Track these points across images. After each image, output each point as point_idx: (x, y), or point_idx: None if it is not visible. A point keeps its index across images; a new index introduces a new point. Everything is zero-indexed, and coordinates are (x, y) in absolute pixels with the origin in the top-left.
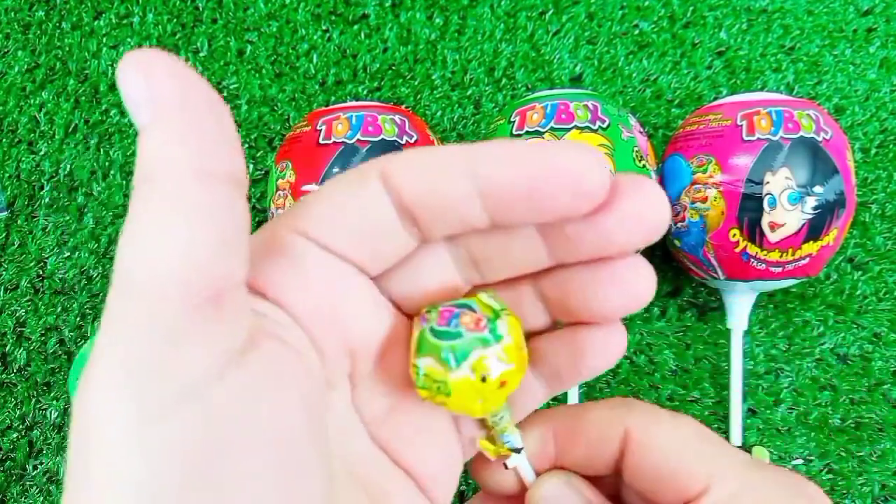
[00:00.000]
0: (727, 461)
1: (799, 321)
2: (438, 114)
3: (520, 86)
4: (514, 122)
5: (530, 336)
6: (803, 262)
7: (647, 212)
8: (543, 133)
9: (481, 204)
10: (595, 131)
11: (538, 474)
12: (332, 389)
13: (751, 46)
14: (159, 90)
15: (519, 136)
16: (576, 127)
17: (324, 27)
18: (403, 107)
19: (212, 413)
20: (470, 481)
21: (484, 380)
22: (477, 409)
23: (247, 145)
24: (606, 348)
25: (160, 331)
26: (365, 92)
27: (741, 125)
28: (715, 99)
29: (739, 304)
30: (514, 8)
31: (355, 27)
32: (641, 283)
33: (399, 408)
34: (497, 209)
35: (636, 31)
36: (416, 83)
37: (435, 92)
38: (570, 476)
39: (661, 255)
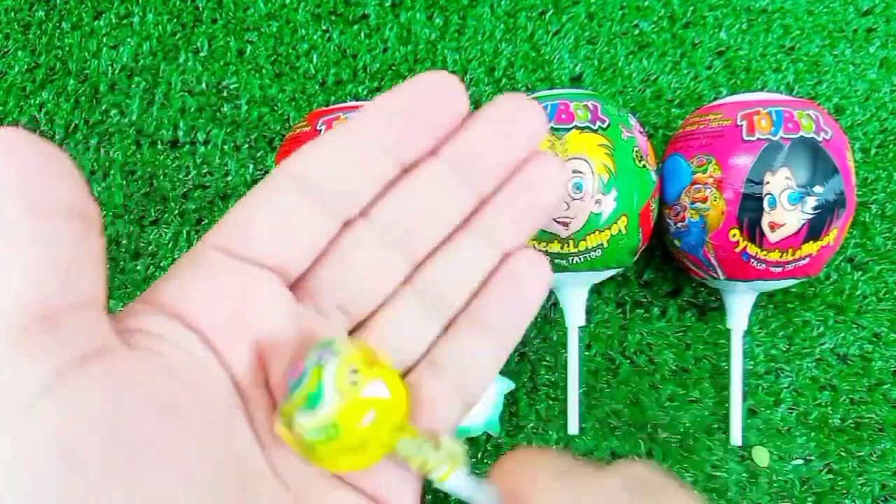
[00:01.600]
0: None
1: (799, 321)
2: None
3: (520, 86)
4: None
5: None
6: (803, 262)
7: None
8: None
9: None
10: (595, 131)
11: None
12: (248, 401)
13: (751, 46)
14: None
15: None
16: (576, 127)
17: (324, 27)
18: None
19: (42, 424)
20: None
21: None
22: (344, 464)
23: (247, 145)
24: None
25: None
26: (365, 92)
27: (741, 125)
28: (715, 99)
29: (739, 304)
30: (514, 8)
31: (355, 27)
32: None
33: None
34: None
35: (636, 31)
36: None
37: None
38: None
39: (661, 255)
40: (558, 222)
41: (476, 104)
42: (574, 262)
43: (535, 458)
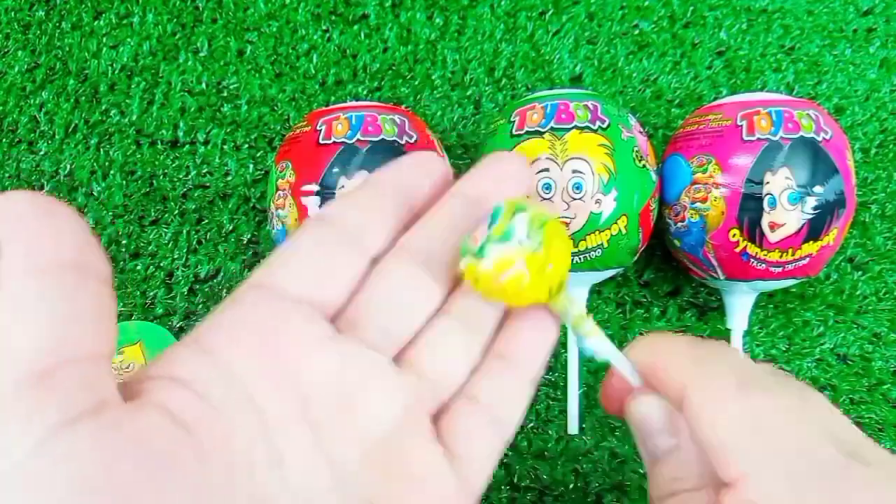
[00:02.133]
0: (770, 457)
1: (799, 321)
2: (438, 114)
3: (520, 86)
4: (514, 121)
5: None
6: (803, 262)
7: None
8: (543, 133)
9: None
10: (595, 131)
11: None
12: (288, 444)
13: (751, 46)
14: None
15: (519, 135)
16: (576, 127)
17: (324, 27)
18: (403, 107)
19: (29, 485)
20: None
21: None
22: (521, 298)
23: (247, 145)
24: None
25: None
26: (365, 92)
27: (741, 125)
28: (715, 99)
29: (739, 304)
30: (514, 8)
31: (355, 27)
32: None
33: (380, 459)
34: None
35: (636, 31)
36: (416, 83)
37: (435, 92)
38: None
39: (661, 255)
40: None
41: (476, 104)
42: (574, 261)
43: (669, 340)
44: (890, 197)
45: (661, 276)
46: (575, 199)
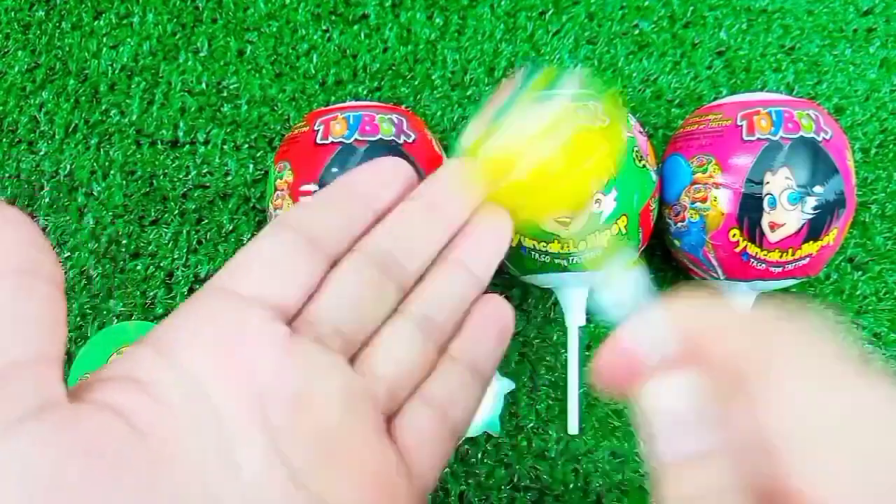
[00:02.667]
0: (855, 470)
1: None
2: (438, 114)
3: None
4: None
5: None
6: (803, 262)
7: None
8: None
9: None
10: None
11: None
12: (243, 444)
13: (751, 46)
14: None
15: None
16: None
17: (324, 27)
18: (403, 107)
19: None
20: (470, 481)
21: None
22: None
23: (247, 145)
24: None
25: None
26: (365, 92)
27: (741, 125)
28: (715, 99)
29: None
30: (514, 8)
31: (355, 27)
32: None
33: (331, 456)
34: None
35: (636, 31)
36: (416, 83)
37: (435, 92)
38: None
39: (661, 255)
40: (558, 222)
41: (476, 104)
42: (574, 262)
43: (724, 307)
44: (890, 197)
45: (661, 276)
46: None
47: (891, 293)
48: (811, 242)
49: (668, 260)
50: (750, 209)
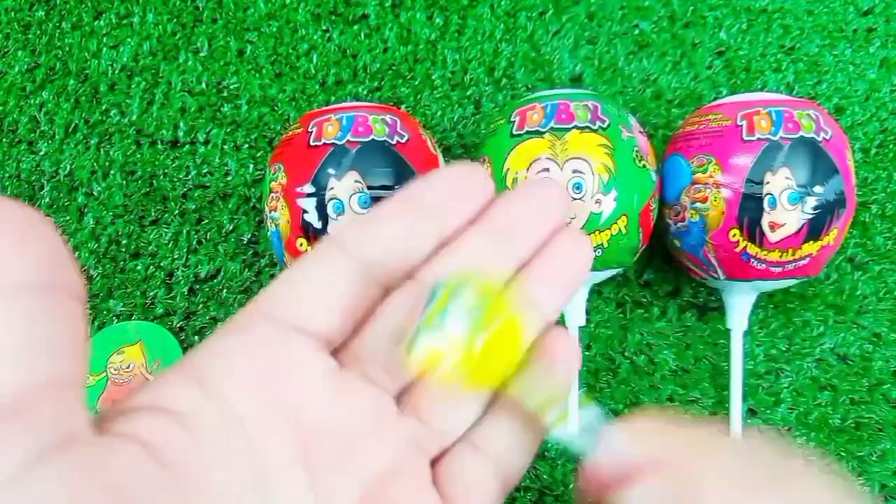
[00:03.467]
0: None
1: (799, 321)
2: (438, 114)
3: (520, 86)
4: (514, 121)
5: None
6: (803, 262)
7: None
8: (543, 133)
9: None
10: (595, 131)
11: None
12: (283, 483)
13: (751, 46)
14: None
15: (519, 135)
16: (576, 127)
17: (324, 27)
18: (403, 107)
19: None
20: None
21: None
22: (467, 382)
23: (247, 145)
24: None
25: None
26: (365, 92)
27: (741, 125)
28: (715, 99)
29: (739, 304)
30: (514, 8)
31: (355, 27)
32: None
33: (375, 498)
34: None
35: (636, 31)
36: (416, 83)
37: (435, 92)
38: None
39: (661, 255)
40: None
41: (476, 104)
42: None
43: (666, 429)
44: (890, 197)
45: (661, 276)
46: (575, 198)
47: (891, 293)
48: (811, 242)
49: (668, 260)
50: (750, 209)
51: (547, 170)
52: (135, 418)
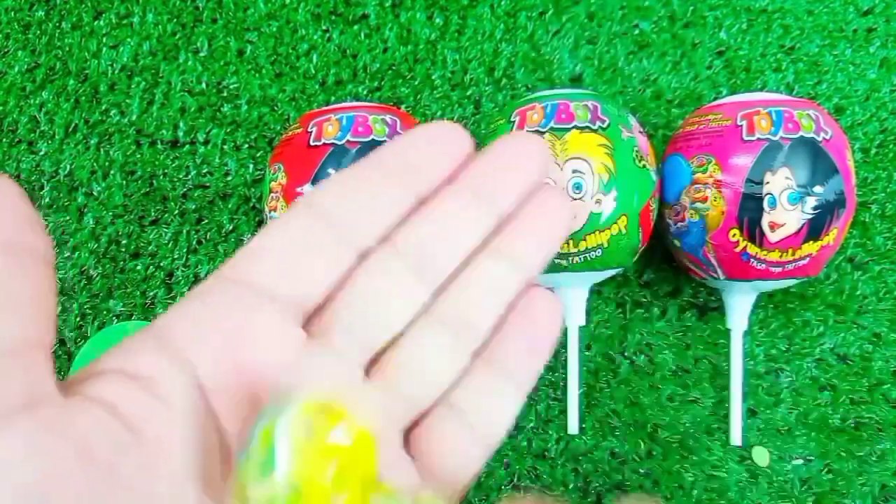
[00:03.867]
0: None
1: (799, 321)
2: (438, 114)
3: (520, 86)
4: (514, 121)
5: None
6: (803, 262)
7: None
8: (544, 133)
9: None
10: (595, 131)
11: None
12: (225, 444)
13: (751, 46)
14: None
15: None
16: (576, 127)
17: (324, 27)
18: (403, 107)
19: None
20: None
21: None
22: None
23: (247, 145)
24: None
25: None
26: (365, 92)
27: (741, 125)
28: (715, 99)
29: (739, 304)
30: (514, 8)
31: (355, 27)
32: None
33: None
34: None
35: (636, 31)
36: (416, 83)
37: (435, 92)
38: None
39: (661, 255)
40: None
41: (476, 104)
42: (574, 262)
43: None
44: (890, 197)
45: (661, 276)
46: (575, 198)
47: (891, 293)
48: (811, 242)
49: (668, 260)
50: (750, 209)
51: None
52: (101, 382)
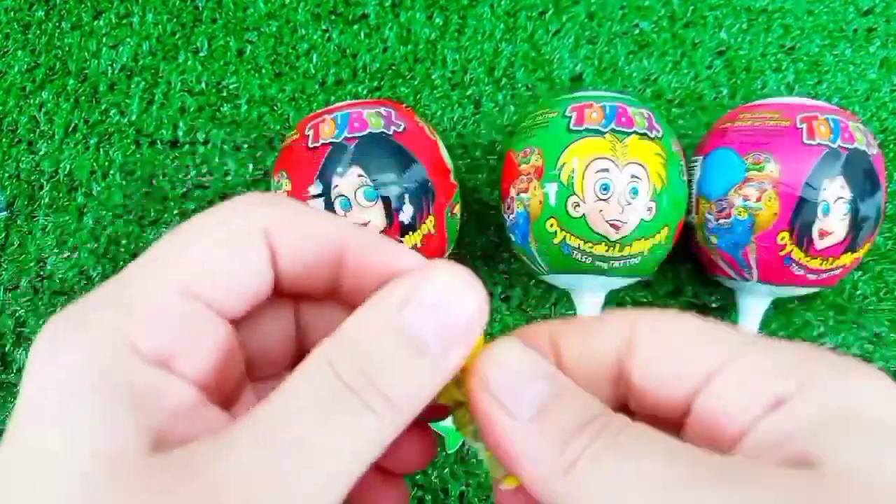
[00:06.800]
0: (735, 342)
1: (799, 321)
2: (438, 113)
3: (520, 85)
4: (570, 116)
5: None
6: (835, 272)
7: None
8: (604, 133)
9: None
10: (652, 139)
11: None
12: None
13: (751, 46)
14: None
15: (578, 131)
16: (635, 132)
17: (324, 27)
18: (403, 106)
19: None
20: (470, 481)
21: None
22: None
23: (247, 145)
24: None
25: None
26: (365, 92)
27: (801, 128)
28: (715, 99)
29: (753, 307)
30: (514, 8)
31: (355, 27)
32: None
33: None
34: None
35: (636, 31)
36: (416, 83)
37: (435, 92)
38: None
39: (672, 249)
40: (611, 225)
41: (476, 104)
42: (613, 265)
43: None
44: (890, 197)
45: (661, 276)
46: (630, 203)
47: (891, 293)
48: (848, 254)
49: (668, 260)
50: (804, 214)
51: (606, 170)
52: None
